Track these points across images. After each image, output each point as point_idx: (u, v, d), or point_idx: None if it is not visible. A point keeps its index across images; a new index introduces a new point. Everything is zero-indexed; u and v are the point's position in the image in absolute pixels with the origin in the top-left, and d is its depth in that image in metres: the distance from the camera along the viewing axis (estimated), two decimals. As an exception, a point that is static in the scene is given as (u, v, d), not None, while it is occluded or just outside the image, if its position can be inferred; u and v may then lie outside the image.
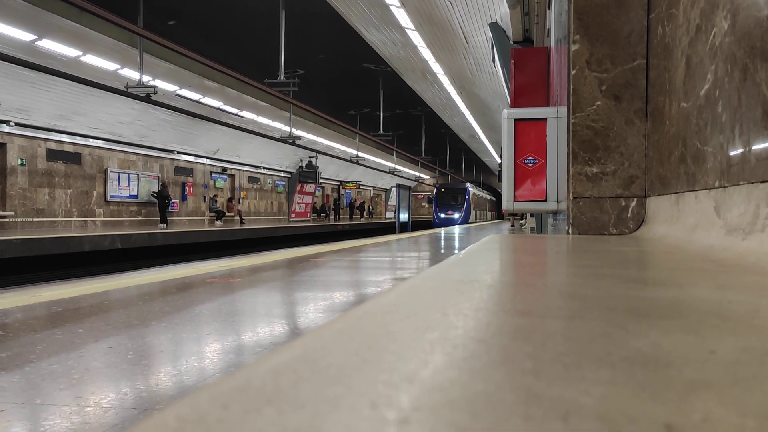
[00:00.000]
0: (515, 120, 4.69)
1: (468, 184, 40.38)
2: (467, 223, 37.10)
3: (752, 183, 1.78)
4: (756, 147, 1.77)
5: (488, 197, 56.80)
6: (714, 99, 2.16)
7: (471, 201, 39.45)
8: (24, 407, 1.78)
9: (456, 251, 8.65)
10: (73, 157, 18.49)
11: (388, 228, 32.89)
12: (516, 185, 4.71)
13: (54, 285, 4.60)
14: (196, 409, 0.43)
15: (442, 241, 11.79)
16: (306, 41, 19.67)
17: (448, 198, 38.80)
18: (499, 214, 63.23)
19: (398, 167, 44.93)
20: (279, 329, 2.94)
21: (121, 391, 1.93)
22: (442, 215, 37.78)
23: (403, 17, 14.29)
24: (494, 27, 12.70)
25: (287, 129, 24.22)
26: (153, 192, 21.30)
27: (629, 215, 3.40)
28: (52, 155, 17.72)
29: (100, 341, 2.60)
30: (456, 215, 37.66)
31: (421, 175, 52.85)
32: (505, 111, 4.84)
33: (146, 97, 15.40)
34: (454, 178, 55.04)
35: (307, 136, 28.72)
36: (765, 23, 1.70)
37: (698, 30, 2.36)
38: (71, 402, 1.81)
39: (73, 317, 3.14)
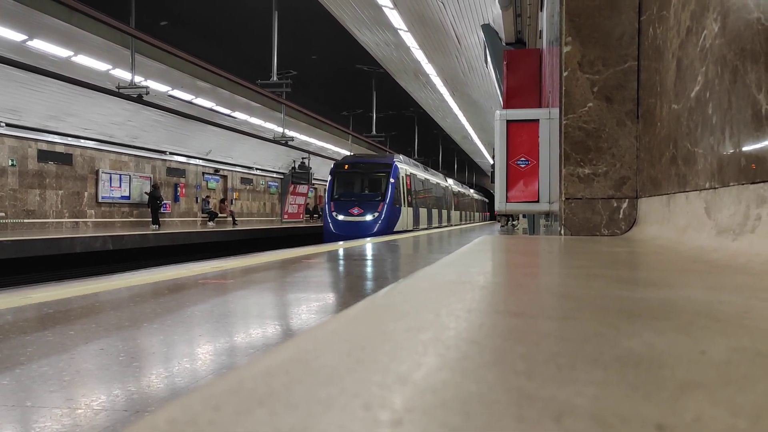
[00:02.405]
0: (507, 121, 4.70)
1: (398, 159, 21.94)
2: (391, 231, 19.80)
3: (742, 184, 1.79)
4: (746, 148, 1.78)
5: (456, 189, 36.41)
6: (704, 101, 2.17)
7: (402, 191, 21.25)
8: (14, 409, 1.77)
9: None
10: (64, 158, 18.38)
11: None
12: (508, 186, 4.73)
13: (45, 286, 4.56)
14: (187, 411, 0.43)
15: (434, 243, 11.80)
16: (299, 42, 19.65)
17: (356, 183, 20.87)
18: (490, 215, 61.57)
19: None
20: (272, 330, 2.93)
21: (113, 393, 1.92)
22: (341, 217, 19.75)
23: (395, 18, 14.31)
24: (486, 28, 12.72)
25: (280, 130, 24.19)
26: (146, 192, 21.25)
27: (621, 216, 3.41)
28: (43, 156, 17.61)
29: (91, 343, 2.59)
30: (368, 216, 19.62)
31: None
32: (498, 112, 4.85)
33: (138, 97, 15.34)
34: (390, 153, 29.22)
35: (299, 137, 28.68)
36: (755, 25, 1.71)
37: (689, 32, 2.37)
38: (62, 404, 1.80)
39: (64, 319, 3.12)
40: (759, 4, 1.69)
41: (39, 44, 14.42)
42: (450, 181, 34.80)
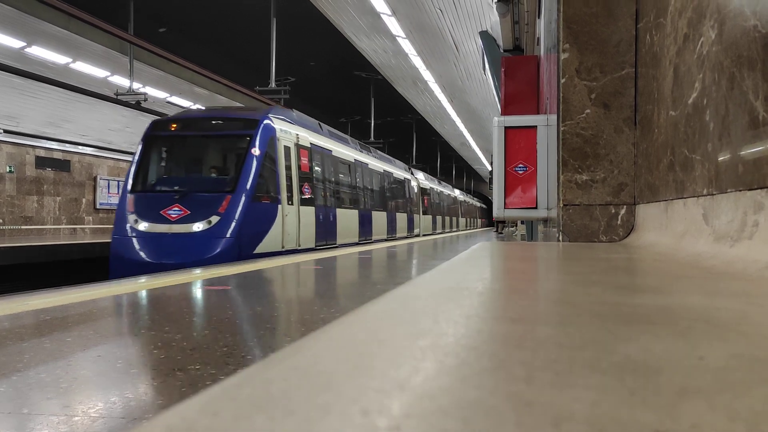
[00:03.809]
0: (506, 128, 4.71)
1: (278, 115, 11.00)
2: (251, 251, 9.42)
3: (740, 190, 1.80)
4: (743, 154, 1.79)
5: (428, 186, 26.32)
6: (702, 107, 2.18)
7: (284, 174, 10.43)
8: (11, 416, 1.76)
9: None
10: (62, 165, 18.39)
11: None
12: (507, 193, 4.73)
13: (42, 293, 4.55)
14: (185, 418, 0.43)
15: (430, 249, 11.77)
16: (297, 49, 19.71)
17: (185, 159, 10.65)
18: (488, 221, 61.11)
19: (389, 175, 44.70)
20: (270, 336, 2.93)
21: (110, 400, 1.91)
22: (144, 225, 8.92)
23: (393, 25, 14.36)
24: (484, 35, 12.78)
25: (278, 136, 24.17)
26: None
27: (619, 222, 3.42)
28: (41, 162, 17.62)
29: (88, 350, 2.58)
30: (198, 224, 8.87)
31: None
32: (496, 119, 4.86)
33: (136, 104, 15.35)
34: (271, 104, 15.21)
35: (298, 143, 28.61)
36: (751, 33, 1.72)
37: (686, 39, 2.38)
38: (59, 411, 1.79)
39: (62, 326, 3.11)
40: (756, 11, 1.70)
41: (37, 51, 14.44)
42: (420, 175, 25.76)
